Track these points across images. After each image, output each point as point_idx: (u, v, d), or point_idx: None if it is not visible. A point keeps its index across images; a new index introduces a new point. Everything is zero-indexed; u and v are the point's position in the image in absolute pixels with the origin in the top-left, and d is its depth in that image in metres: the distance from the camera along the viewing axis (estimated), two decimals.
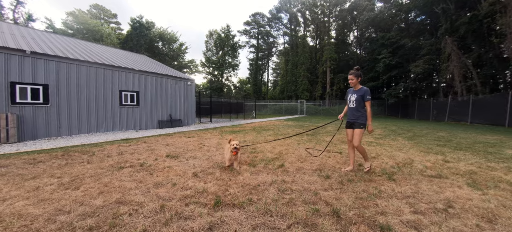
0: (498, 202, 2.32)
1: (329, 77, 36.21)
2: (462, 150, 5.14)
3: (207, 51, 42.98)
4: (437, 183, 2.87)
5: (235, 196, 2.41)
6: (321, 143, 5.96)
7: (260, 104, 37.58)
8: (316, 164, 3.72)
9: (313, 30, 45.31)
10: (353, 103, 3.34)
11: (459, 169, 3.53)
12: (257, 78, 46.84)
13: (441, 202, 2.30)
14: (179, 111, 11.93)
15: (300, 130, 9.23)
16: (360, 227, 1.79)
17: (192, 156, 4.43)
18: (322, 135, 7.57)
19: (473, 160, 4.14)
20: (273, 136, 7.31)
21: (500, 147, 5.62)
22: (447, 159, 4.20)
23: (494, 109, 16.06)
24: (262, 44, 48.39)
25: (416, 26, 32.34)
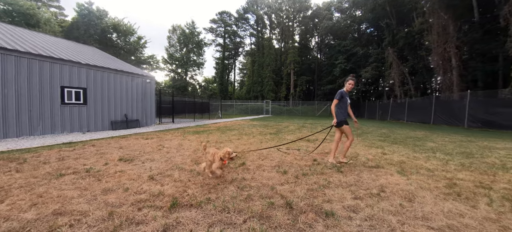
0: (417, 185, 2.84)
1: (292, 79, 38.07)
2: (396, 144, 6.07)
3: (169, 47, 40.58)
4: (375, 173, 3.35)
5: (193, 197, 2.39)
6: (282, 141, 6.28)
7: (227, 104, 37.24)
8: (275, 161, 3.92)
9: (278, 33, 47.03)
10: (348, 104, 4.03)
11: (393, 160, 4.17)
12: (224, 77, 46.28)
13: (376, 188, 2.71)
14: (137, 110, 10.99)
15: (277, 131, 9.51)
16: (308, 215, 1.98)
17: (149, 158, 4.17)
18: (284, 134, 7.96)
19: (403, 152, 4.94)
20: (237, 136, 7.37)
21: (425, 141, 6.83)
22: (385, 152, 4.91)
23: (423, 110, 19.29)
24: (229, 44, 48.04)
25: (366, 36, 36.55)
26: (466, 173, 3.42)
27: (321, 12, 41.80)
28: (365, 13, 32.53)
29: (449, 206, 2.24)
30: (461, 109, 15.45)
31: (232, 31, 46.31)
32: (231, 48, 48.69)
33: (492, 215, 2.09)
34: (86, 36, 28.09)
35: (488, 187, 2.79)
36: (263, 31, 45.43)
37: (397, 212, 2.10)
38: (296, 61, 37.54)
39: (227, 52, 48.35)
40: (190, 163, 3.80)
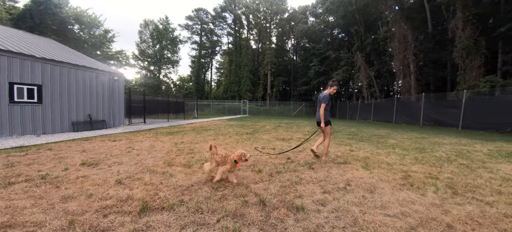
0: (378, 178, 3.14)
1: (269, 80, 38.72)
2: (363, 142, 6.59)
3: (141, 43, 38.23)
4: (342, 168, 3.61)
5: (165, 199, 2.32)
6: (258, 141, 6.37)
7: (203, 103, 36.39)
8: (250, 161, 3.98)
9: (256, 34, 47.41)
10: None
11: (359, 156, 4.53)
12: (200, 76, 45.12)
13: (343, 182, 2.93)
14: (103, 110, 10.16)
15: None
16: (280, 211, 2.07)
17: (117, 162, 3.91)
18: (260, 134, 8.08)
19: (368, 149, 5.39)
20: (213, 136, 7.27)
21: (387, 138, 7.52)
22: (352, 149, 5.30)
23: (386, 110, 21.13)
24: (206, 42, 47.00)
25: (338, 41, 38.79)
26: (418, 166, 3.87)
27: (297, 15, 43.23)
28: (337, 19, 34.55)
29: (403, 195, 2.52)
30: (418, 110, 17.29)
31: (209, 29, 45.39)
32: (208, 46, 47.70)
33: (437, 201, 2.41)
34: (42, 26, 24.97)
35: (435, 177, 3.21)
36: (241, 31, 45.42)
37: (360, 203, 2.31)
38: (273, 62, 38.25)
39: (203, 51, 47.25)
40: (162, 165, 3.66)
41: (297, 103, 38.78)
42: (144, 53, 36.94)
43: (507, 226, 1.90)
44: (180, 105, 23.52)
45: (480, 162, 4.21)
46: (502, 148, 5.85)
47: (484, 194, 2.61)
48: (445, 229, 1.85)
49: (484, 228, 1.87)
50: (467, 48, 15.01)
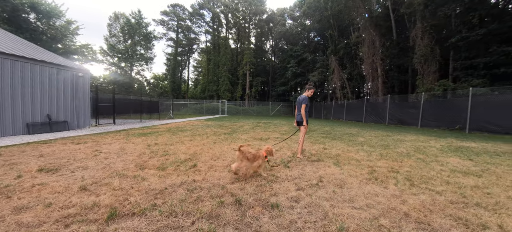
0: (348, 173, 3.36)
1: (248, 80, 38.82)
2: (335, 140, 6.98)
3: (110, 37, 35.47)
4: (316, 166, 3.80)
5: (136, 204, 2.21)
6: (236, 141, 6.37)
7: (179, 103, 35.13)
8: (228, 161, 3.97)
9: (235, 34, 47.14)
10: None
11: (331, 154, 4.80)
12: (176, 74, 43.43)
13: (316, 179, 3.08)
14: (65, 110, 9.23)
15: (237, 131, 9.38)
16: (256, 209, 2.11)
17: (82, 166, 3.60)
18: (238, 134, 8.08)
19: (340, 147, 5.73)
20: (190, 137, 7.07)
21: (357, 137, 8.06)
22: (325, 147, 5.59)
23: (357, 110, 22.60)
24: (182, 39, 45.38)
25: (314, 44, 40.37)
26: (383, 161, 4.23)
27: (276, 17, 44.04)
28: (313, 23, 36.00)
29: (369, 189, 2.75)
30: (384, 110, 18.80)
31: (186, 26, 43.91)
32: (185, 44, 46.13)
33: (397, 192, 2.67)
34: None
35: (396, 171, 3.54)
36: (219, 29, 44.79)
37: (330, 197, 2.46)
38: (252, 62, 38.41)
39: (180, 48, 45.56)
40: (134, 169, 3.46)
41: (276, 103, 39.48)
42: (114, 49, 34.32)
43: (452, 212, 2.18)
44: (154, 105, 22.41)
45: (433, 156, 4.75)
46: (452, 143, 6.67)
47: (435, 185, 2.97)
48: (402, 217, 2.06)
49: (434, 214, 2.12)
50: (425, 55, 16.77)
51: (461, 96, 13.31)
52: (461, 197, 2.55)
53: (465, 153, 5.18)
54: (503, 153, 5.28)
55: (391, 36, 23.07)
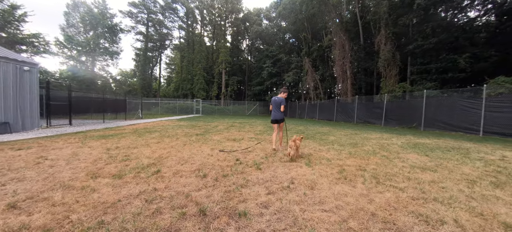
0: (319, 174, 3.37)
1: (224, 78, 38.17)
2: (308, 139, 7.12)
3: (68, 27, 31.74)
4: (288, 167, 3.75)
5: (79, 223, 1.85)
6: (208, 142, 6.08)
7: (150, 102, 33.03)
8: (196, 164, 3.70)
9: (210, 31, 45.94)
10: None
11: (303, 153, 4.82)
12: (146, 71, 40.73)
13: (287, 181, 3.01)
14: (5, 110, 7.88)
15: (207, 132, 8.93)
16: (221, 220, 1.93)
17: (17, 178, 3.01)
18: (211, 134, 7.76)
19: (312, 146, 5.83)
20: (158, 138, 6.55)
21: (328, 135, 8.34)
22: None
23: (329, 110, 23.71)
24: (153, 34, 42.71)
25: (289, 45, 41.36)
26: (352, 160, 4.37)
27: (252, 17, 44.05)
28: (288, 25, 36.84)
29: (338, 189, 2.76)
30: (353, 110, 20.01)
31: (157, 20, 41.38)
32: (156, 39, 43.49)
33: (364, 191, 2.72)
34: None
35: (364, 169, 3.66)
36: (194, 26, 43.22)
37: (301, 201, 2.39)
38: (227, 61, 37.83)
39: (151, 43, 42.80)
40: (84, 178, 3.00)
41: (252, 102, 39.52)
42: (72, 40, 30.72)
43: (414, 208, 2.27)
44: (121, 104, 20.69)
45: (395, 153, 5.08)
46: (410, 140, 7.28)
47: (398, 181, 3.12)
48: (370, 217, 2.07)
49: (398, 212, 2.18)
50: (387, 60, 18.27)
51: (417, 98, 14.78)
52: (421, 193, 2.70)
53: (422, 149, 5.67)
54: (452, 149, 5.90)
55: (358, 41, 24.70)
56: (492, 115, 10.76)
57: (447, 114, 12.76)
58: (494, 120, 10.67)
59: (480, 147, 6.35)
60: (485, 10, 17.13)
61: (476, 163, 4.36)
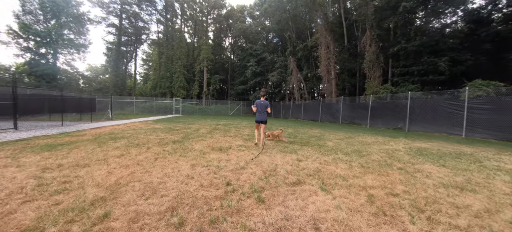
0: (345, 206, 2.44)
1: (206, 77, 36.41)
2: (305, 146, 6.25)
3: (24, 14, 27.60)
4: (299, 193, 2.78)
5: None
6: (187, 154, 4.90)
7: (124, 101, 30.23)
8: (169, 198, 2.51)
9: (191, 27, 43.68)
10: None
11: (310, 169, 3.91)
12: (120, 67, 37.36)
13: (309, 224, 2.03)
14: None
15: (176, 135, 7.61)
16: None
17: None
18: (192, 141, 6.55)
19: (314, 156, 4.95)
20: (122, 149, 5.19)
21: (324, 140, 7.56)
22: (299, 158, 4.71)
23: (314, 110, 23.45)
24: (128, 27, 39.37)
25: (273, 45, 40.84)
26: (370, 177, 3.54)
27: (235, 13, 42.71)
28: (273, 24, 36.21)
29: None
30: (338, 110, 19.86)
31: (132, 12, 38.16)
32: (131, 32, 40.15)
33: None
34: None
35: (395, 194, 2.83)
36: (174, 20, 40.67)
37: None
38: (209, 58, 36.12)
39: (125, 37, 39.39)
40: None
41: (235, 102, 38.28)
42: (29, 29, 26.74)
43: None
44: (88, 103, 18.34)
45: (410, 165, 4.39)
46: (409, 145, 6.79)
47: (451, 215, 2.31)
48: None
49: None
50: (372, 61, 18.35)
51: (402, 99, 14.88)
52: None
53: (431, 157, 5.09)
54: (459, 155, 5.43)
55: (343, 42, 24.81)
56: (473, 116, 10.98)
57: (431, 115, 12.90)
58: (476, 121, 10.89)
59: (480, 151, 6.02)
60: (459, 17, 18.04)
61: (501, 176, 3.81)
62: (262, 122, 5.95)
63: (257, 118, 5.97)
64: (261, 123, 5.97)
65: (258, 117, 5.96)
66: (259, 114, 5.96)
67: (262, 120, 5.94)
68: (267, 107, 5.94)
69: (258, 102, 6.02)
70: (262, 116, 5.94)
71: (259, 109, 5.96)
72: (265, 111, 5.96)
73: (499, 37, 15.72)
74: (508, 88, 11.20)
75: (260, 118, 5.93)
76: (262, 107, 5.94)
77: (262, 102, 5.99)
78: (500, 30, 15.69)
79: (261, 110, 5.94)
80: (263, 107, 5.95)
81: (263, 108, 5.94)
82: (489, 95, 11.54)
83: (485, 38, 16.21)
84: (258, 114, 5.98)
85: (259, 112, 5.96)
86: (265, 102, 5.99)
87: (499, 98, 10.48)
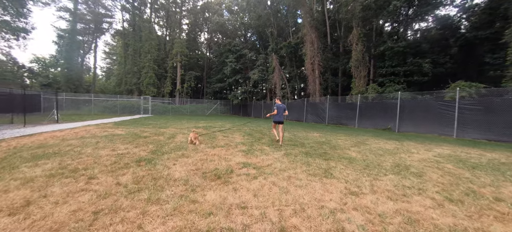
0: None
1: (179, 73, 33.15)
2: (328, 160, 4.68)
3: None
4: None
5: None
6: (158, 193, 2.93)
7: (81, 99, 25.70)
8: None
9: (163, 17, 39.60)
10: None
11: (389, 214, 2.31)
12: (74, 59, 31.88)
13: None
14: None
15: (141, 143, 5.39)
16: None
17: None
18: (167, 158, 4.50)
19: (364, 181, 3.38)
20: (45, 178, 2.97)
21: (333, 148, 6.15)
22: (349, 188, 3.07)
23: (298, 110, 22.49)
24: (86, 13, 33.88)
25: (252, 42, 39.17)
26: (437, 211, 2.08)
27: (212, 6, 40.00)
28: (253, 20, 34.38)
29: None
30: (324, 110, 19.10)
31: None
32: (90, 19, 34.69)
33: None
34: None
35: None
36: (142, 9, 36.25)
37: None
38: (183, 53, 32.94)
39: (82, 24, 33.85)
40: None
41: (212, 101, 35.75)
42: None
43: None
44: (28, 101, 14.41)
45: (457, 178, 3.11)
46: (441, 151, 5.72)
47: None
48: None
49: None
50: (358, 60, 17.92)
51: (392, 99, 14.52)
52: None
53: (476, 167, 3.95)
54: (490, 164, 4.43)
55: (326, 41, 24.32)
56: (464, 117, 10.86)
57: (421, 116, 12.63)
58: (467, 122, 10.77)
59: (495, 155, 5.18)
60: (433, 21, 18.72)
61: None
62: (281, 122, 6.73)
63: (276, 119, 6.75)
64: (280, 123, 6.73)
65: (277, 118, 6.72)
66: (278, 116, 6.70)
67: (280, 121, 6.72)
68: (285, 110, 6.78)
69: (277, 105, 6.84)
70: (280, 117, 6.72)
71: (279, 111, 6.73)
72: (283, 113, 6.73)
73: (467, 42, 16.50)
74: (489, 90, 11.31)
75: (279, 119, 6.71)
76: (281, 109, 6.75)
77: (281, 105, 6.83)
78: (468, 37, 16.39)
79: (280, 112, 6.72)
80: (281, 109, 6.76)
81: (281, 111, 6.74)
82: (471, 95, 11.53)
83: (454, 44, 16.99)
84: (277, 115, 6.72)
85: (278, 114, 6.70)
86: (283, 106, 6.86)
87: (490, 100, 10.44)
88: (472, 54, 16.77)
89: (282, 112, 6.72)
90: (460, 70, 16.87)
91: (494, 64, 14.50)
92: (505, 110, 9.84)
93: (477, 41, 16.05)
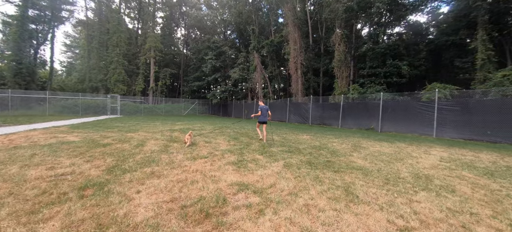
0: None
1: (153, 70, 30.57)
2: (338, 172, 3.92)
3: None
4: None
5: None
6: None
7: (33, 97, 22.11)
8: None
9: (134, 9, 36.25)
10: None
11: None
12: (25, 51, 27.41)
13: None
14: None
15: None
16: None
17: None
18: (128, 178, 3.32)
19: (398, 208, 2.63)
20: None
21: (335, 155, 5.48)
22: (393, 220, 2.30)
23: (281, 110, 21.94)
24: None
25: (231, 40, 37.87)
26: None
27: (190, 0, 37.78)
28: (233, 16, 33.14)
29: None
30: (307, 110, 18.77)
31: None
32: (45, 5, 30.15)
33: None
34: None
35: None
36: None
37: None
38: (158, 48, 30.43)
39: (35, 11, 29.24)
40: None
41: (189, 101, 33.70)
42: None
43: None
44: None
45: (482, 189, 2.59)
46: (442, 154, 5.35)
47: None
48: None
49: None
50: (341, 60, 17.94)
51: (374, 100, 14.64)
52: None
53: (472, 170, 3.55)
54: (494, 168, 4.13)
55: (308, 41, 24.22)
56: (442, 117, 11.20)
57: (402, 116, 12.84)
58: (445, 122, 11.12)
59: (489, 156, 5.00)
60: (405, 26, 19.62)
61: None
62: (265, 122, 7.18)
63: (261, 120, 7.17)
64: (264, 123, 7.19)
65: (262, 118, 7.15)
66: (263, 117, 7.13)
67: (265, 121, 7.16)
68: (268, 111, 7.25)
69: (261, 106, 7.30)
70: (265, 118, 7.14)
71: (263, 112, 7.14)
72: (267, 114, 7.16)
73: (436, 47, 17.50)
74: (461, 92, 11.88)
75: (263, 120, 7.13)
76: (264, 110, 7.17)
77: (264, 107, 7.27)
78: (438, 43, 17.41)
79: (264, 113, 7.14)
80: (265, 110, 7.18)
81: (265, 112, 7.15)
82: (446, 97, 11.97)
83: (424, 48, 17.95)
84: (262, 116, 7.14)
85: (263, 115, 7.13)
86: (266, 107, 7.31)
87: (466, 101, 10.88)
88: (443, 58, 17.83)
89: (266, 113, 7.08)
90: (433, 72, 17.81)
91: (463, 67, 15.45)
92: (479, 110, 10.26)
93: (444, 47, 17.12)
